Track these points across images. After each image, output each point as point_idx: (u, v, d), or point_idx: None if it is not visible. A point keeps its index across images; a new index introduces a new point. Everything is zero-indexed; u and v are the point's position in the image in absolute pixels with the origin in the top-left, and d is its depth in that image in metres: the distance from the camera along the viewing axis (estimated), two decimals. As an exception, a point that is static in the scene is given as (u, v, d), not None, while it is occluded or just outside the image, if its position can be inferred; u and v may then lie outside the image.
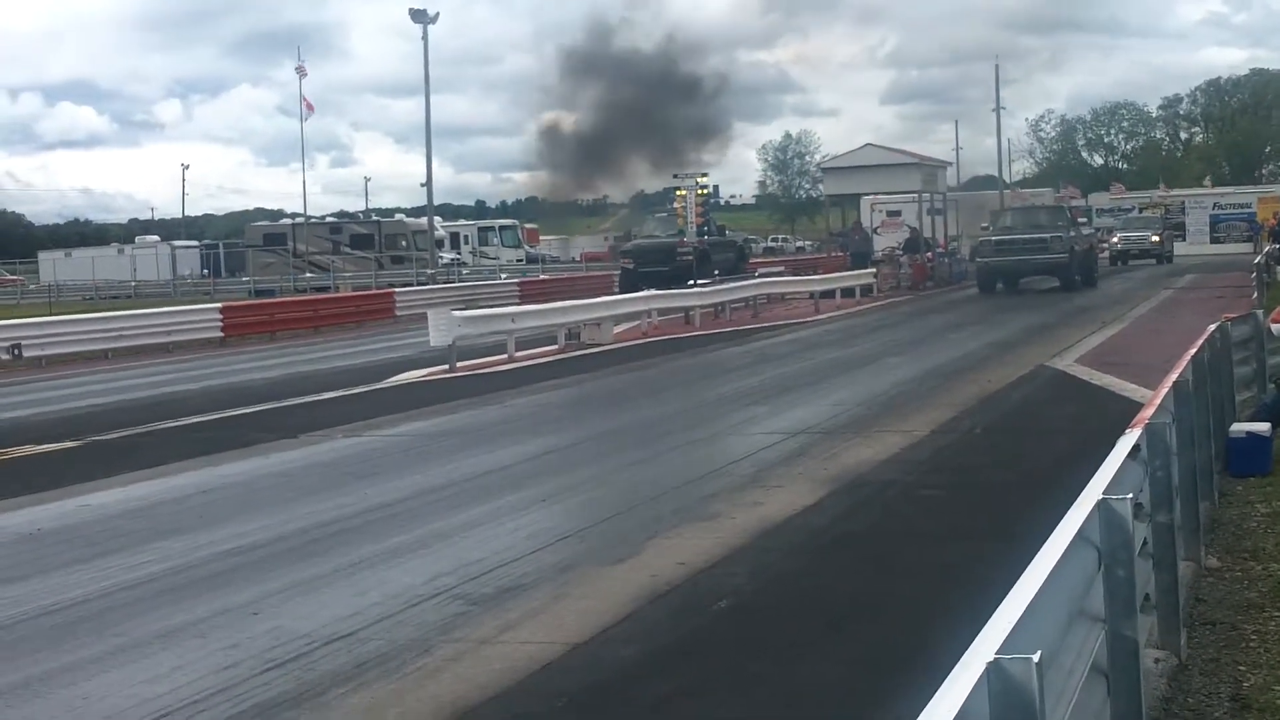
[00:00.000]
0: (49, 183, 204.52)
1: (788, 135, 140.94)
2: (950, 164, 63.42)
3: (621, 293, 37.29)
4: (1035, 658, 3.03)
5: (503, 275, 59.04)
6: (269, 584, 8.56)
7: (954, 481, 11.50)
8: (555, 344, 26.67)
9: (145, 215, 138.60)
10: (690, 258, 42.49)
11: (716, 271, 41.21)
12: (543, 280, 54.85)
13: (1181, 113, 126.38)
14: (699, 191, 45.03)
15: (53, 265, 78.57)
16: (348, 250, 65.35)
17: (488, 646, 7.06)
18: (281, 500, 11.69)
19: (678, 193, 45.38)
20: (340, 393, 19.85)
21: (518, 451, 14.02)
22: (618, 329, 29.57)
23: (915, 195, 53.35)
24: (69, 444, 15.32)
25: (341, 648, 7.12)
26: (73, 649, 7.32)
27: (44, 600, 8.35)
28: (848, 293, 40.04)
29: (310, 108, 74.29)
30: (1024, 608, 3.48)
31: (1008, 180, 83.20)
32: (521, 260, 71.25)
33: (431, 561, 9.09)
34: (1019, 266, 40.75)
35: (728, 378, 21.02)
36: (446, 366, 22.93)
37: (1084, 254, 43.06)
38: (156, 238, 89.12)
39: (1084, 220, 49.02)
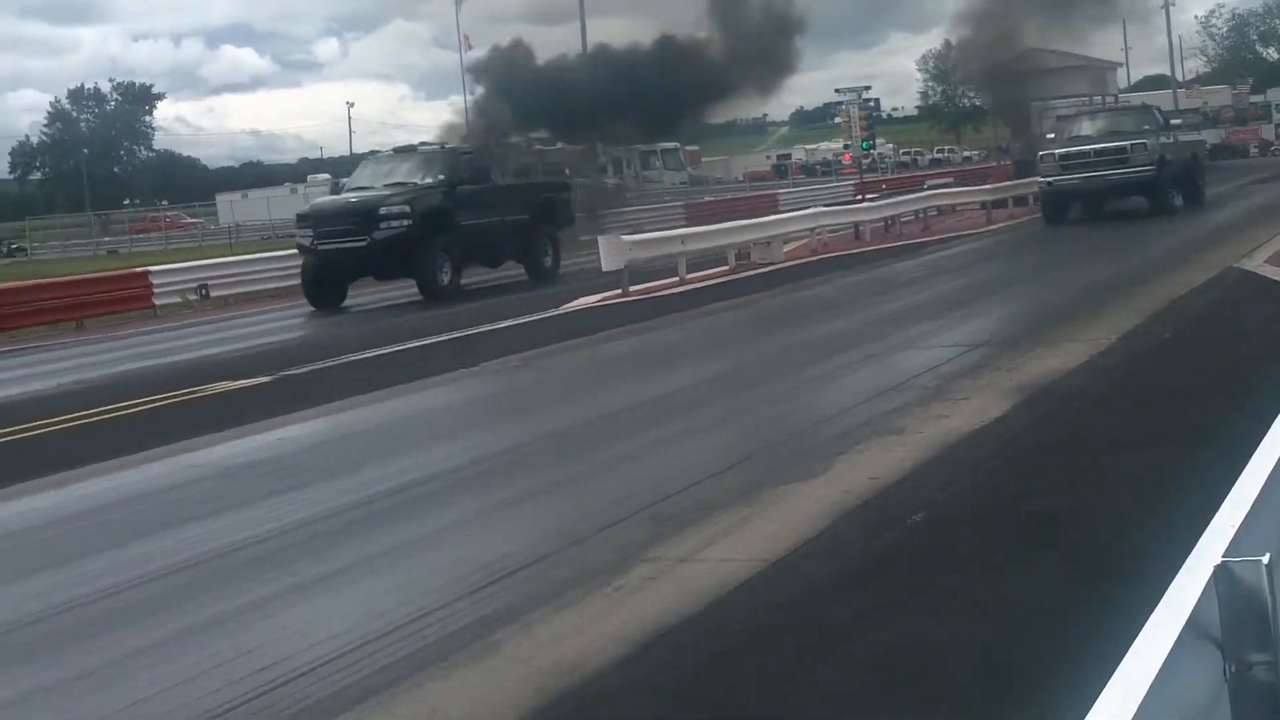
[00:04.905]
0: (218, 126, 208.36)
1: (947, 43, 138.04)
2: (1120, 65, 61.71)
3: (305, 293, 26.53)
4: (1265, 559, 2.97)
5: (667, 197, 59.03)
6: (450, 515, 8.74)
7: (1146, 388, 11.25)
8: (725, 264, 26.64)
9: (314, 154, 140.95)
10: (402, 227, 25.64)
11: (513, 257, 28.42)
12: (708, 201, 54.71)
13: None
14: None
15: (230, 207, 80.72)
16: (509, 179, 65.56)
17: (685, 565, 7.12)
18: (462, 429, 11.91)
19: (839, 107, 44.79)
20: (515, 321, 20.09)
21: (697, 373, 14.08)
22: (787, 247, 29.44)
23: (1084, 99, 52.02)
24: (262, 379, 15.77)
25: (537, 571, 7.24)
26: (277, 579, 7.50)
27: (243, 533, 8.59)
28: (1020, 201, 39.26)
29: (469, 46, 74.32)
30: (1247, 509, 3.41)
31: (1180, 79, 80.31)
32: (685, 182, 70.99)
33: (621, 483, 9.19)
34: (1089, 185, 32.25)
35: (901, 292, 20.81)
36: (620, 291, 23.06)
37: (1182, 164, 34.38)
38: (328, 175, 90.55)
39: (1178, 122, 39.73)
